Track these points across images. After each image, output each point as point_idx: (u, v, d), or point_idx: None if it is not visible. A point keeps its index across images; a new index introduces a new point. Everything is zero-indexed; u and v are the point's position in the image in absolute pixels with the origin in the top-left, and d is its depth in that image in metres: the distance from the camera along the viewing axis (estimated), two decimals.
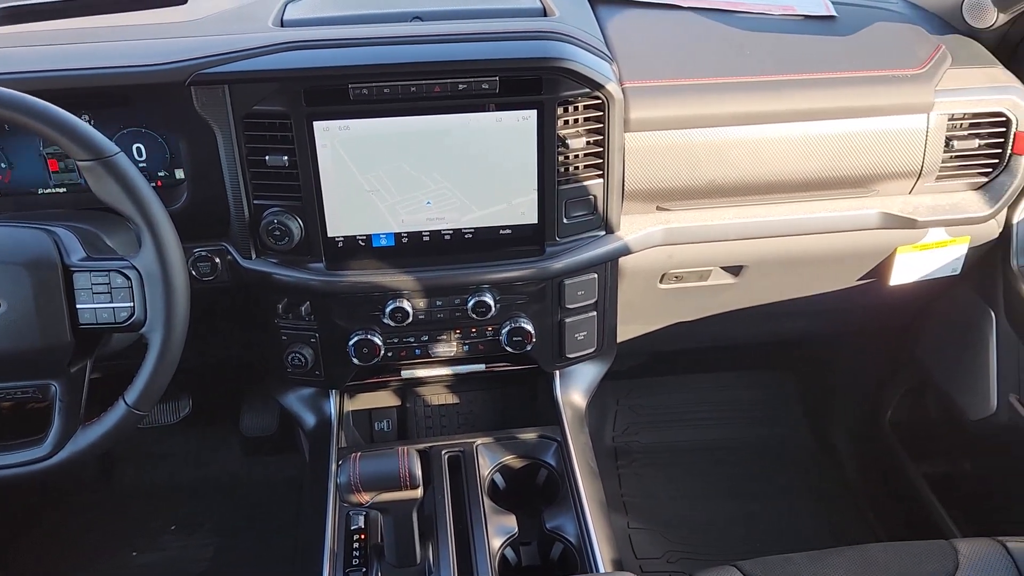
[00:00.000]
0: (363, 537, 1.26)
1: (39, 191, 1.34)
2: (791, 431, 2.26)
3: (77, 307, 1.10)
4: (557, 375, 1.54)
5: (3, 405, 1.24)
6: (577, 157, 1.32)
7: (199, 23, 1.37)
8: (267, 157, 1.26)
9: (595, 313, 1.47)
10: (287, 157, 1.26)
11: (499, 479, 1.40)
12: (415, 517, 1.16)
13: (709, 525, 2.01)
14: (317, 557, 1.24)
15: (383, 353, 1.41)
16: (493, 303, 1.38)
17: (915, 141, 1.42)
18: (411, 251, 1.35)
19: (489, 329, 1.44)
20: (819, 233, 1.49)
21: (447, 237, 1.35)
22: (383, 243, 1.34)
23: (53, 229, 1.12)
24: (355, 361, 1.41)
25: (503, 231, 1.35)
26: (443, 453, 1.40)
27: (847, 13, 1.54)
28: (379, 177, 1.28)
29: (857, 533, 1.99)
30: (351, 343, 1.39)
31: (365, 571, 1.22)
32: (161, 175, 1.34)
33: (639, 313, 1.62)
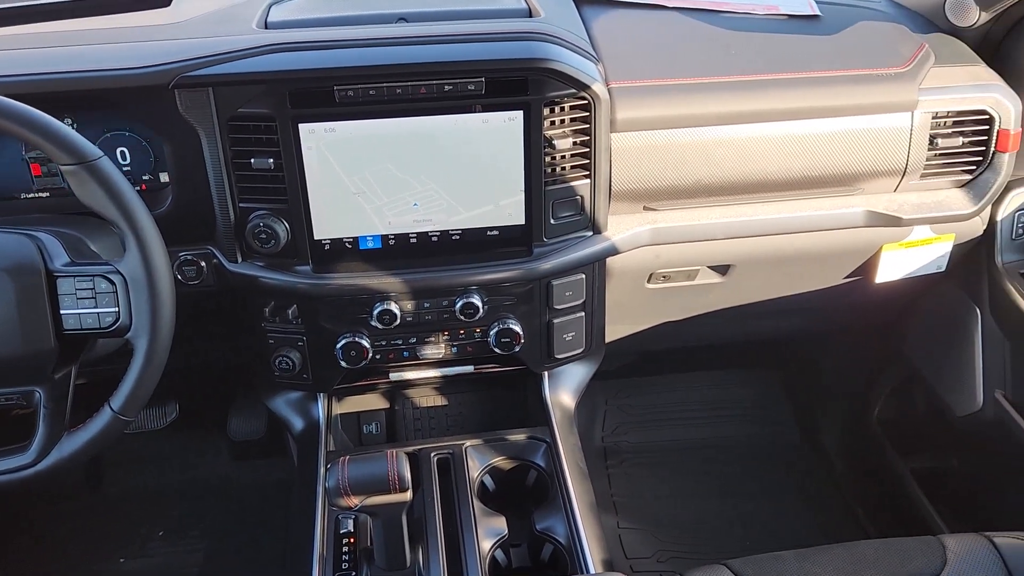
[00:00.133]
0: (352, 541, 1.26)
1: (21, 196, 1.32)
2: (780, 429, 2.27)
3: (61, 312, 1.09)
4: (546, 376, 1.54)
5: None
6: (564, 158, 1.32)
7: (183, 25, 1.36)
8: (252, 160, 1.25)
9: (583, 313, 1.48)
10: (272, 160, 1.25)
11: (489, 481, 1.40)
12: (404, 520, 1.15)
13: (699, 524, 2.01)
14: (306, 561, 1.23)
15: (371, 356, 1.41)
16: (481, 305, 1.38)
17: (899, 139, 1.43)
18: (398, 253, 1.34)
19: (477, 331, 1.43)
20: (805, 232, 1.50)
21: (434, 239, 1.34)
22: (370, 245, 1.34)
23: (36, 234, 1.11)
24: (343, 364, 1.40)
25: (490, 232, 1.35)
26: (432, 455, 1.39)
27: (831, 12, 1.55)
28: (365, 179, 1.28)
29: (846, 530, 2.00)
30: (339, 346, 1.39)
31: (355, 575, 1.21)
32: (145, 179, 1.33)
33: (627, 313, 1.62)
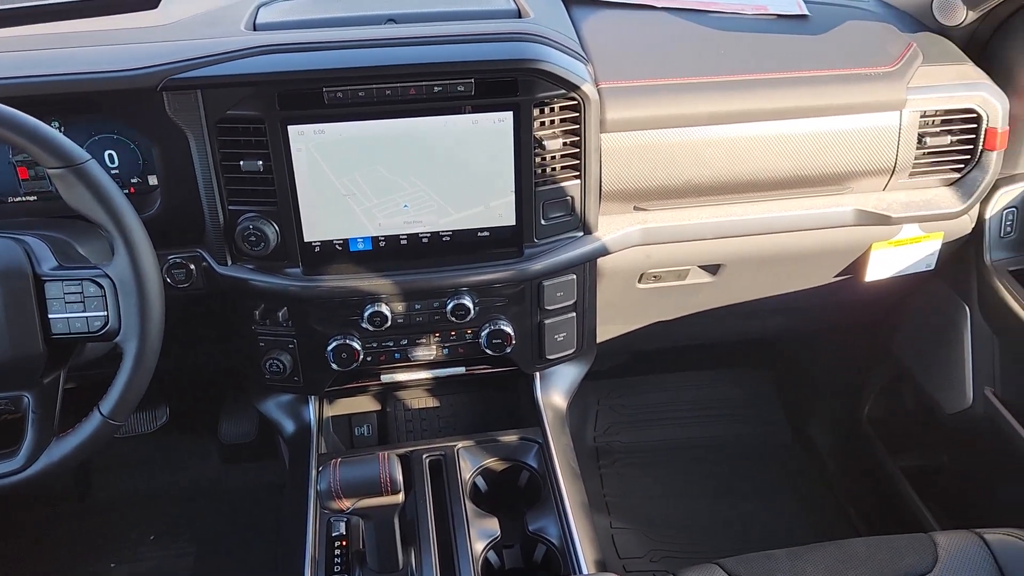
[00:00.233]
0: (344, 544, 1.25)
1: (9, 199, 1.32)
2: (771, 428, 2.27)
3: (49, 317, 1.08)
4: (537, 377, 1.54)
5: None
6: (554, 158, 1.32)
7: (170, 27, 1.35)
8: (241, 162, 1.25)
9: (574, 314, 1.48)
10: (262, 162, 1.25)
11: (481, 482, 1.40)
12: (397, 522, 1.15)
13: (691, 523, 2.02)
14: (298, 564, 1.23)
15: (362, 358, 1.40)
16: (472, 306, 1.38)
17: (888, 138, 1.43)
18: (389, 255, 1.34)
19: (468, 332, 1.43)
20: (795, 231, 1.50)
21: (425, 240, 1.34)
22: (360, 247, 1.33)
23: (24, 238, 1.11)
24: (334, 366, 1.40)
25: (481, 233, 1.35)
26: (424, 457, 1.39)
27: (819, 12, 1.55)
28: (355, 181, 1.28)
29: (837, 528, 2.00)
30: (330, 348, 1.38)
31: None
32: (134, 181, 1.32)
33: (618, 313, 1.62)
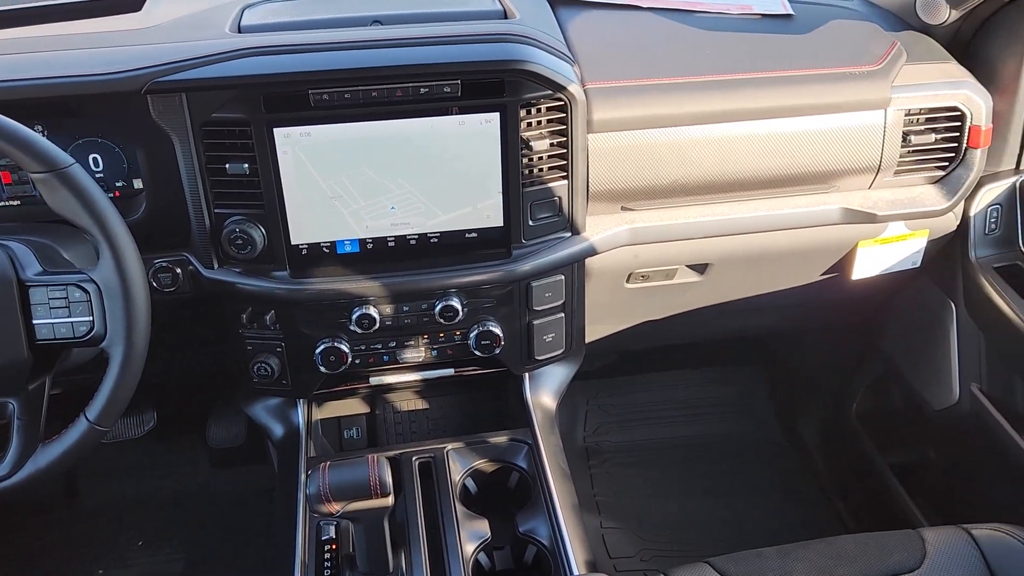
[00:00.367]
0: (335, 547, 1.25)
1: None
2: (760, 426, 2.28)
3: (34, 322, 1.08)
4: (526, 377, 1.54)
5: None
6: (541, 159, 1.32)
7: (154, 30, 1.34)
8: (227, 165, 1.24)
9: (563, 314, 1.48)
10: (248, 165, 1.24)
11: (471, 484, 1.40)
12: (386, 525, 1.15)
13: (681, 522, 2.02)
14: (288, 568, 1.22)
15: (351, 360, 1.40)
16: (460, 307, 1.37)
17: (873, 137, 1.44)
18: (376, 257, 1.34)
19: (457, 333, 1.43)
20: (782, 230, 1.51)
21: (412, 242, 1.34)
22: (348, 250, 1.33)
23: (7, 243, 1.10)
24: (322, 369, 1.39)
25: (469, 235, 1.35)
26: (414, 459, 1.39)
27: (804, 11, 1.56)
28: (342, 183, 1.27)
29: (827, 525, 2.01)
30: (318, 351, 1.38)
31: None
32: (119, 185, 1.31)
33: (607, 313, 1.62)
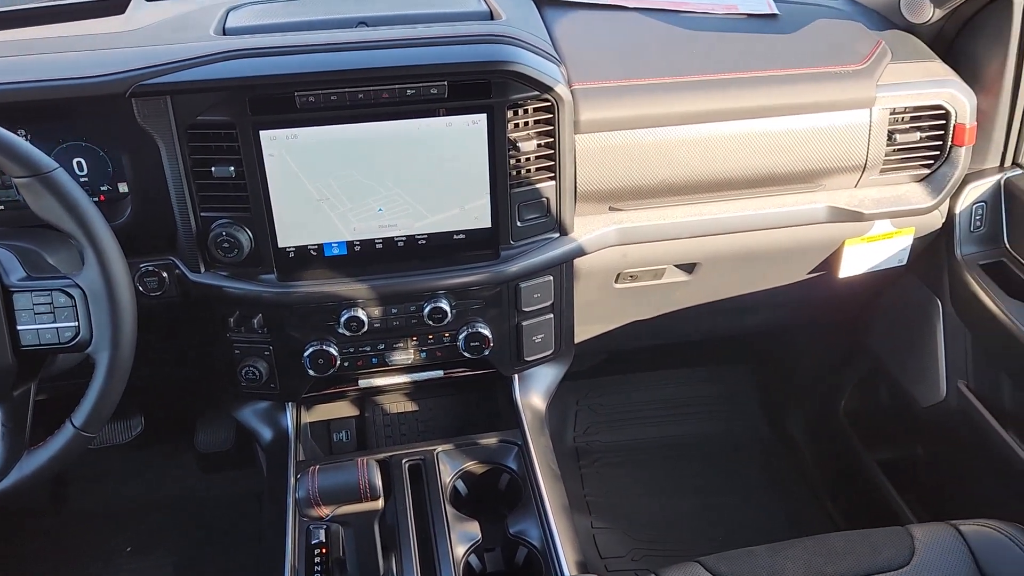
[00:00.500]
0: (324, 551, 1.24)
1: None
2: (749, 424, 2.29)
3: (18, 328, 1.07)
4: (516, 379, 1.54)
5: None
6: (528, 160, 1.32)
7: (138, 33, 1.34)
8: (213, 168, 1.24)
9: (552, 315, 1.47)
10: (234, 168, 1.23)
11: (461, 486, 1.39)
12: (376, 528, 1.14)
13: (672, 521, 2.02)
14: (278, 573, 1.22)
15: (339, 363, 1.39)
16: (449, 309, 1.37)
17: (859, 135, 1.45)
18: (364, 259, 1.33)
19: (446, 335, 1.43)
20: (769, 229, 1.51)
21: (400, 244, 1.33)
22: (335, 252, 1.32)
23: None
24: (311, 373, 1.39)
25: (457, 236, 1.35)
26: (403, 462, 1.39)
27: (789, 11, 1.56)
28: (329, 185, 1.27)
29: (816, 523, 2.02)
30: (306, 354, 1.37)
31: None
32: (104, 189, 1.30)
33: (596, 313, 1.62)
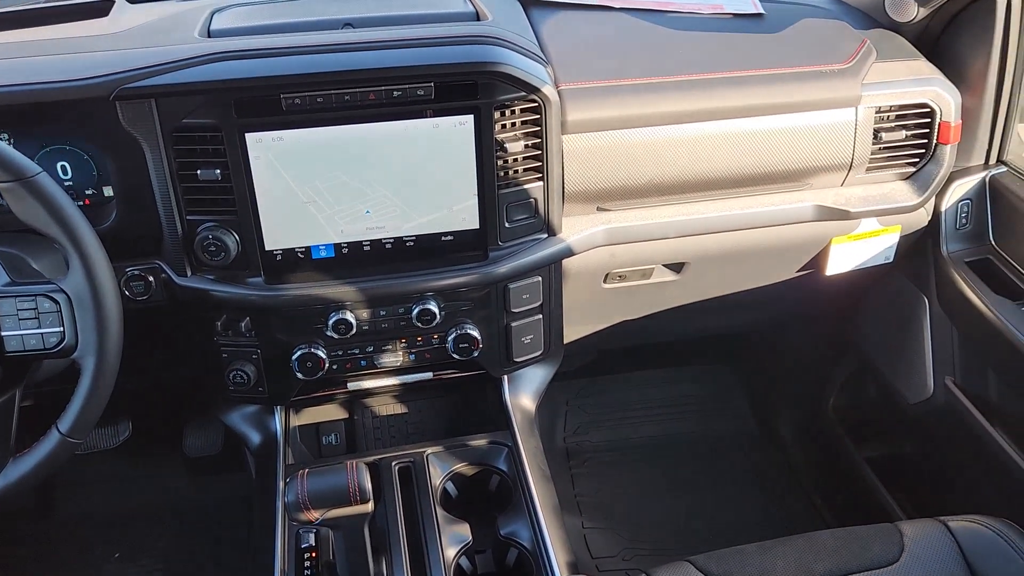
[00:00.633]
0: (314, 555, 1.24)
1: None
2: (739, 423, 2.30)
3: (3, 334, 1.06)
4: (505, 380, 1.53)
5: None
6: (516, 161, 1.32)
7: (122, 35, 1.33)
8: (199, 171, 1.23)
9: (541, 316, 1.47)
10: (219, 171, 1.23)
11: (451, 487, 1.39)
12: (367, 531, 1.14)
13: (663, 520, 2.03)
14: None
15: (328, 366, 1.39)
16: (438, 310, 1.37)
17: (845, 134, 1.45)
18: (352, 261, 1.33)
19: (435, 337, 1.43)
20: (756, 228, 1.51)
21: (388, 246, 1.33)
22: (323, 254, 1.32)
23: None
24: (299, 376, 1.38)
25: (445, 237, 1.34)
26: (393, 464, 1.38)
27: (774, 10, 1.57)
28: (316, 188, 1.26)
29: (806, 519, 2.03)
30: (294, 358, 1.37)
31: None
32: (88, 193, 1.29)
33: (585, 314, 1.62)
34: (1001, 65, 1.49)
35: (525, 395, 1.55)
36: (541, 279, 1.43)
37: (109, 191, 1.29)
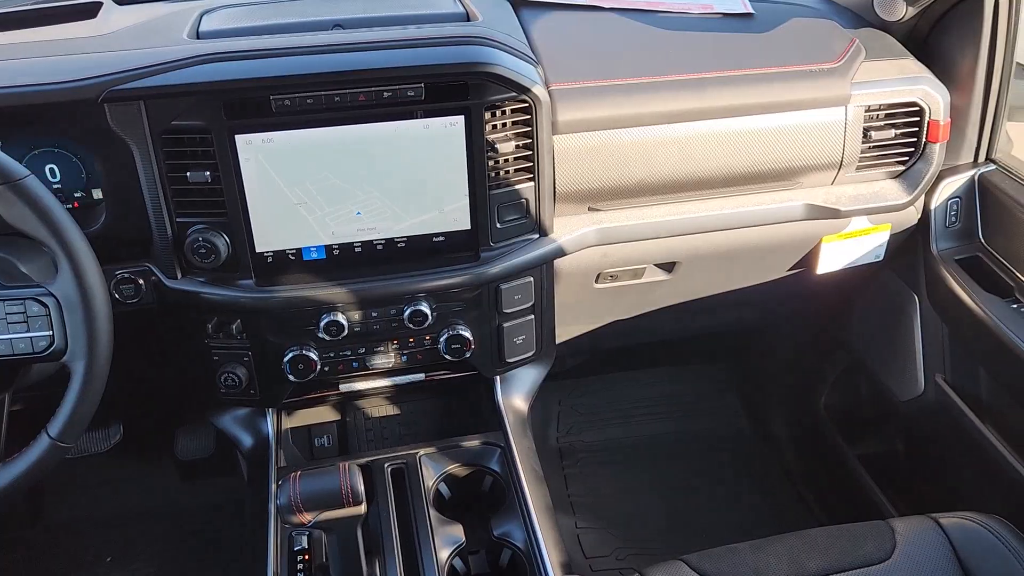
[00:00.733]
0: (307, 557, 1.23)
1: None
2: (731, 421, 2.30)
3: None
4: (498, 380, 1.53)
5: None
6: (507, 161, 1.32)
7: (111, 37, 1.32)
8: (188, 173, 1.22)
9: (533, 316, 1.47)
10: (209, 172, 1.22)
11: (444, 489, 1.39)
12: (360, 534, 1.14)
13: (656, 520, 2.03)
14: None
15: (320, 368, 1.38)
16: (430, 312, 1.37)
17: (834, 133, 1.46)
18: (343, 263, 1.33)
19: (427, 338, 1.42)
20: (747, 227, 1.52)
21: (379, 247, 1.33)
22: (314, 256, 1.31)
23: None
24: (291, 378, 1.38)
25: (436, 238, 1.34)
26: (386, 466, 1.38)
27: (764, 10, 1.57)
28: (306, 189, 1.26)
29: (799, 518, 2.03)
30: (286, 360, 1.36)
31: None
32: (77, 196, 1.29)
33: (577, 314, 1.63)
34: (989, 63, 1.50)
35: (518, 395, 1.55)
36: (533, 279, 1.43)
37: (98, 194, 1.28)
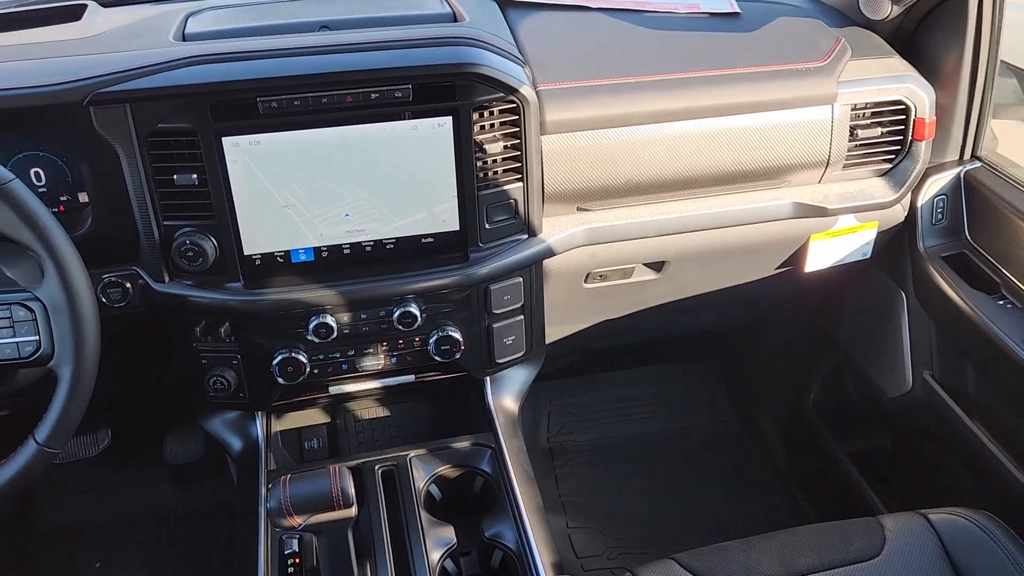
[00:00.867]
0: (298, 561, 1.23)
1: None
2: (720, 420, 2.31)
3: None
4: (488, 381, 1.53)
5: None
6: (495, 162, 1.32)
7: (96, 40, 1.31)
8: (175, 176, 1.22)
9: (522, 317, 1.47)
10: (196, 175, 1.22)
11: (435, 490, 1.39)
12: (350, 536, 1.13)
13: (647, 519, 2.03)
14: None
15: (309, 371, 1.38)
16: (419, 313, 1.36)
17: (821, 132, 1.46)
18: (332, 265, 1.32)
19: (416, 340, 1.42)
20: (735, 225, 1.52)
21: (368, 249, 1.33)
22: (302, 258, 1.31)
23: None
24: (280, 381, 1.37)
25: (425, 240, 1.34)
26: (376, 468, 1.38)
27: (750, 9, 1.58)
28: (294, 191, 1.26)
29: (789, 516, 2.04)
30: (275, 362, 1.36)
31: None
32: (63, 199, 1.27)
33: (566, 314, 1.63)
34: (974, 61, 1.51)
35: (508, 396, 1.55)
36: (522, 280, 1.43)
37: (84, 197, 1.27)
